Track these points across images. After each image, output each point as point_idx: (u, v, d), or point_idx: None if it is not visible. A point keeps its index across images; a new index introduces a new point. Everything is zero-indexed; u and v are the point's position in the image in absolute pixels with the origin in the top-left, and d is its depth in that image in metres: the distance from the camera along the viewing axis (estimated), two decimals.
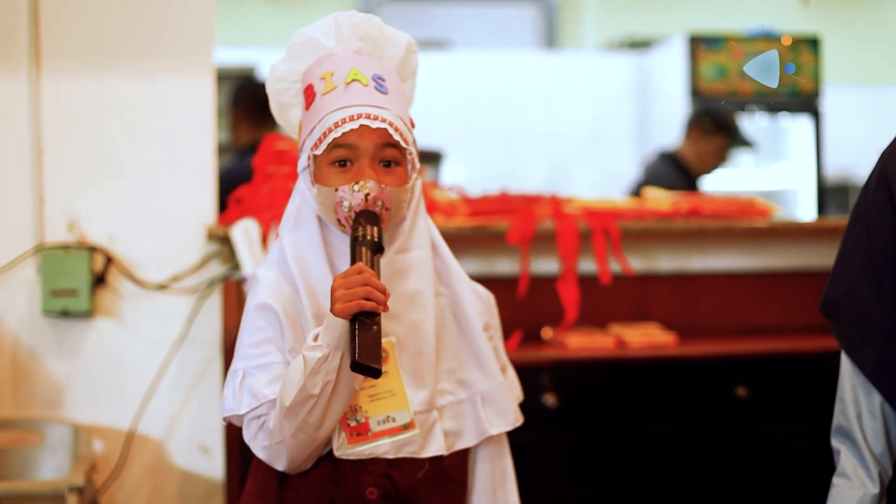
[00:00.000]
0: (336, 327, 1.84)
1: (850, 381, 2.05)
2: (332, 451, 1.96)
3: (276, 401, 1.91)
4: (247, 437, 1.97)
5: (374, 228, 1.90)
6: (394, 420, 1.97)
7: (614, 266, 3.72)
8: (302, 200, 2.03)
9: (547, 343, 3.63)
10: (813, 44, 7.13)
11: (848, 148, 7.83)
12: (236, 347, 2.00)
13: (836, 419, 2.08)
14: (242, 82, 5.57)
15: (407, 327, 2.00)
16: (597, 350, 3.52)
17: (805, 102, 7.16)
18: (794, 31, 7.40)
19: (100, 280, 3.50)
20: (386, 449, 1.97)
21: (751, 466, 3.47)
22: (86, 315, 3.49)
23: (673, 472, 3.46)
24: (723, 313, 3.93)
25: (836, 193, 7.90)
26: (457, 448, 2.04)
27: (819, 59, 7.14)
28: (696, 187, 5.61)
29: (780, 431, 3.50)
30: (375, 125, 1.93)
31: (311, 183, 1.99)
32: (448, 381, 2.04)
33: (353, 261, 1.87)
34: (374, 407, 1.97)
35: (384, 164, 1.97)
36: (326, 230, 2.01)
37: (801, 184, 7.57)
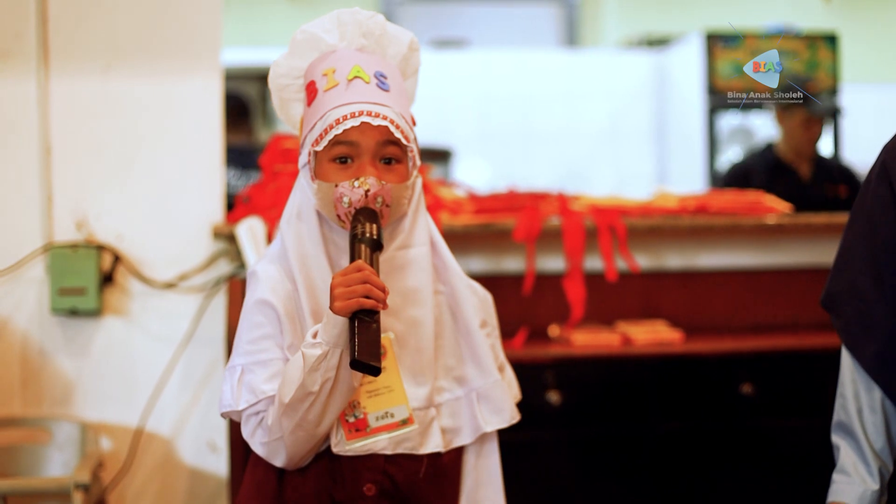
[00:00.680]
0: (335, 325, 1.84)
1: (850, 376, 2.05)
2: (331, 447, 1.96)
3: (274, 397, 1.91)
4: (245, 434, 1.98)
5: (374, 226, 1.90)
6: (392, 416, 1.97)
7: (622, 263, 3.72)
8: (302, 196, 2.04)
9: (553, 340, 3.63)
10: (831, 41, 7.09)
11: (865, 145, 7.75)
12: (235, 343, 2.01)
13: (836, 414, 2.07)
14: None
15: (406, 324, 2.00)
16: (602, 347, 3.51)
17: (823, 99, 7.11)
18: (812, 29, 7.35)
19: (108, 279, 3.52)
20: (384, 445, 1.97)
21: (757, 464, 3.46)
22: (94, 313, 3.51)
23: (678, 469, 3.45)
24: (731, 311, 3.92)
25: None
26: (454, 445, 2.04)
27: (837, 57, 7.09)
28: (796, 176, 5.33)
29: (787, 429, 3.49)
30: (377, 122, 1.94)
31: (312, 179, 2.00)
32: (446, 379, 2.04)
33: (353, 258, 1.88)
34: (373, 403, 1.97)
35: (385, 161, 1.97)
36: (326, 226, 2.01)
37: None
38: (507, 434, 2.14)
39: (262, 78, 6.26)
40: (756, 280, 3.94)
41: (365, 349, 1.79)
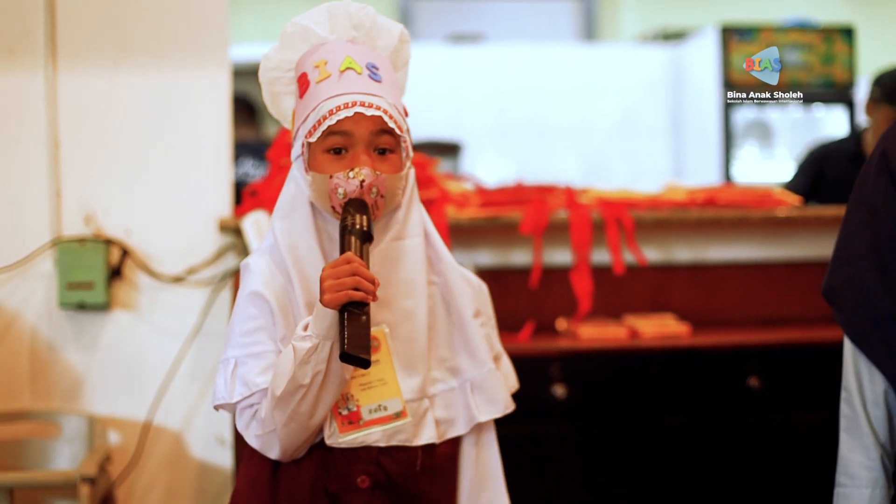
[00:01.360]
0: (325, 317, 1.84)
1: (853, 369, 2.03)
2: (324, 440, 1.96)
3: (268, 390, 1.91)
4: (240, 426, 1.98)
5: (364, 217, 1.89)
6: (385, 408, 1.97)
7: (630, 257, 3.71)
8: (296, 188, 2.04)
9: (560, 334, 3.63)
10: (847, 34, 7.05)
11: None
12: (228, 335, 2.00)
13: (841, 408, 2.06)
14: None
15: (399, 315, 1.99)
16: (609, 340, 3.50)
17: (839, 93, 7.07)
18: (829, 22, 7.30)
19: (116, 273, 3.53)
20: (377, 437, 1.96)
21: (763, 457, 3.44)
22: (102, 308, 3.52)
23: (685, 462, 3.44)
24: (741, 304, 3.90)
25: None
26: (448, 436, 2.03)
27: (854, 50, 7.05)
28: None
29: (793, 422, 3.47)
30: (370, 112, 1.93)
31: (306, 170, 1.99)
32: (439, 370, 2.03)
33: (343, 250, 1.87)
34: (366, 395, 1.96)
35: (379, 151, 1.96)
36: (320, 218, 2.00)
37: None
38: (512, 427, 2.14)
39: None
40: (765, 273, 3.93)
41: (354, 342, 1.78)
